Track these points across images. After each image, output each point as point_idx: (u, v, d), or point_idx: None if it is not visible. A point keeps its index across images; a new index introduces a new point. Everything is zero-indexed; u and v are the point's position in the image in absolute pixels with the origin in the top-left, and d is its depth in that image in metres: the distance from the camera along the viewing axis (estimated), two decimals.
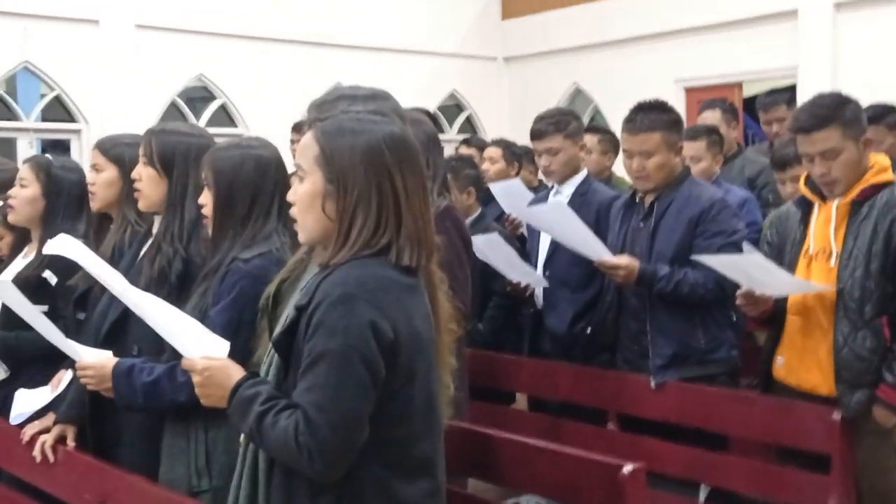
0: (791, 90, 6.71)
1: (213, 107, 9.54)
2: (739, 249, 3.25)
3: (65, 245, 2.43)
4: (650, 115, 3.39)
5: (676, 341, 3.31)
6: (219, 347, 2.04)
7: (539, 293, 4.00)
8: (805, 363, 2.94)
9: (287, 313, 1.88)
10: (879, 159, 2.96)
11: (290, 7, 9.53)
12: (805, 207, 3.01)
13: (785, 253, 3.04)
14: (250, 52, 9.36)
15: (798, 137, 2.94)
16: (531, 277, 3.92)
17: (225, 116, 9.66)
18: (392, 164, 1.84)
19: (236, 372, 1.91)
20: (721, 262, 2.99)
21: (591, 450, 3.39)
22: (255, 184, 2.49)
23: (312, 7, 9.69)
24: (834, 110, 2.85)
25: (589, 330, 3.78)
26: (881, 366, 2.78)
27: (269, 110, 9.30)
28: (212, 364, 1.94)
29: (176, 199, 2.69)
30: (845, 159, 2.85)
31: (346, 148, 1.84)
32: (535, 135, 3.94)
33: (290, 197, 1.94)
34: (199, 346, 2.03)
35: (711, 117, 5.03)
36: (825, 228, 2.91)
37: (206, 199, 2.50)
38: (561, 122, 3.87)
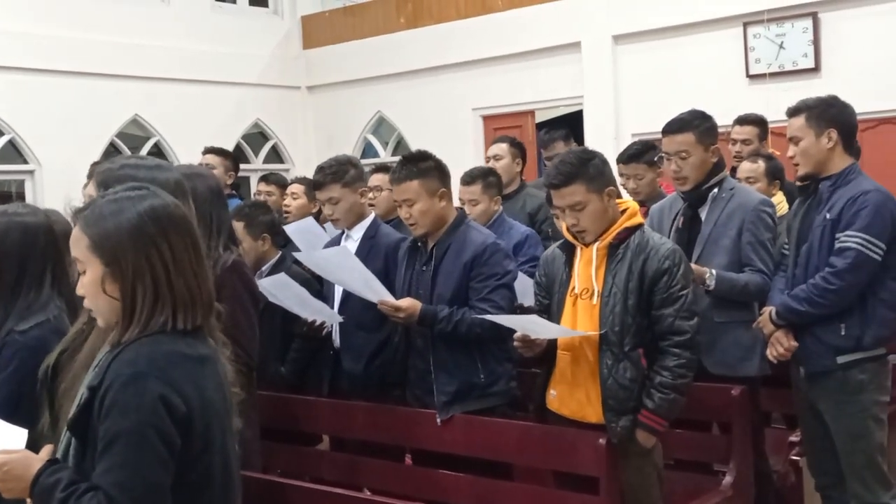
0: (568, 125, 7.22)
1: (0, 143, 9.04)
2: (510, 289, 3.54)
3: None
4: (407, 165, 3.60)
5: (458, 378, 3.50)
6: (16, 437, 2.04)
7: (336, 335, 4.09)
8: (576, 395, 3.20)
9: (81, 393, 1.92)
10: (630, 205, 3.28)
11: (85, 38, 9.15)
12: (569, 250, 3.28)
13: (553, 292, 3.29)
14: (41, 86, 8.91)
15: (551, 192, 3.23)
16: (324, 314, 3.98)
17: (14, 152, 9.18)
18: (156, 234, 1.92)
19: (36, 462, 1.91)
20: (502, 319, 3.24)
21: (389, 486, 3.57)
22: (23, 252, 2.47)
23: (109, 38, 9.35)
24: (578, 167, 3.14)
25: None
26: (641, 393, 3.09)
27: (64, 145, 8.94)
28: (10, 458, 1.93)
29: None
30: (591, 211, 3.14)
31: (112, 231, 1.91)
32: (316, 186, 4.07)
33: (79, 291, 1.98)
34: None
35: (498, 149, 5.36)
36: (587, 269, 3.19)
37: None
38: (338, 173, 3.98)
